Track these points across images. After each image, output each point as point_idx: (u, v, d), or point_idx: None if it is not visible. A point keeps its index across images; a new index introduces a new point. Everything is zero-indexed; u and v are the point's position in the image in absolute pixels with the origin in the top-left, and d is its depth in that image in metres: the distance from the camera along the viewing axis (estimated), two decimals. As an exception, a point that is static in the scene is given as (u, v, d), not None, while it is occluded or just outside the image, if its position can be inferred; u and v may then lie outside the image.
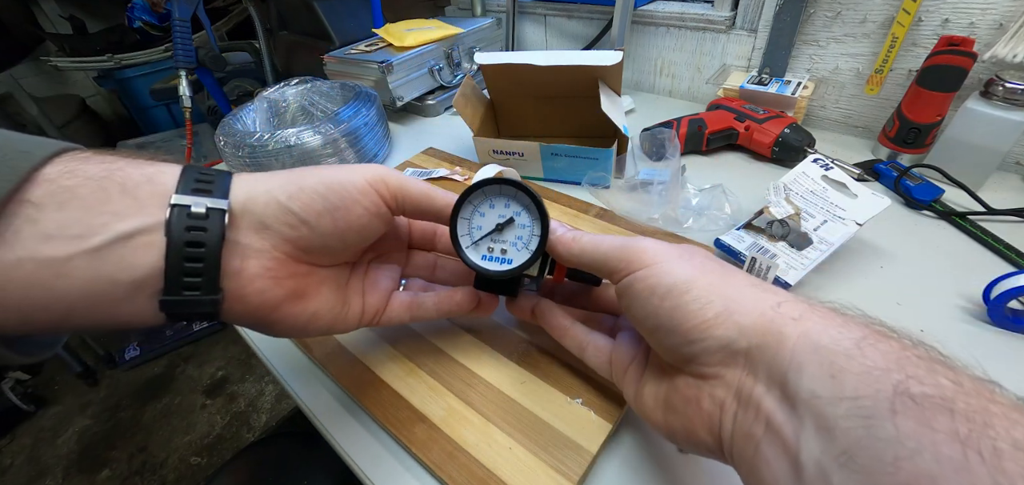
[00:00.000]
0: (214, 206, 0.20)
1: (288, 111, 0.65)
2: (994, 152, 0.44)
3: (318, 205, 0.22)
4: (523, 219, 0.27)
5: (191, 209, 0.19)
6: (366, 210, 0.24)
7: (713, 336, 0.19)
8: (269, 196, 0.21)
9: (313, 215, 0.22)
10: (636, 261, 0.23)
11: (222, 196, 0.20)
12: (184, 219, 0.19)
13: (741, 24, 0.63)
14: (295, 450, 0.59)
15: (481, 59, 0.53)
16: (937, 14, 0.48)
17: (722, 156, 0.57)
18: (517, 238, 0.27)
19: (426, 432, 0.28)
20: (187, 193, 0.19)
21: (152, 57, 1.53)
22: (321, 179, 0.23)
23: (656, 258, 0.22)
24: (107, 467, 1.20)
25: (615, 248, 0.24)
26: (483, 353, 0.33)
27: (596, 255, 0.25)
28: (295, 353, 0.36)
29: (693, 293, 0.20)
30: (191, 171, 0.20)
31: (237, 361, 1.44)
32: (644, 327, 0.23)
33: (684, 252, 0.23)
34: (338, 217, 0.23)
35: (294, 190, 0.22)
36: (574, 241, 0.26)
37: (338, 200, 0.23)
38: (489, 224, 0.27)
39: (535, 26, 0.88)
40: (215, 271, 0.20)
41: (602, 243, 0.25)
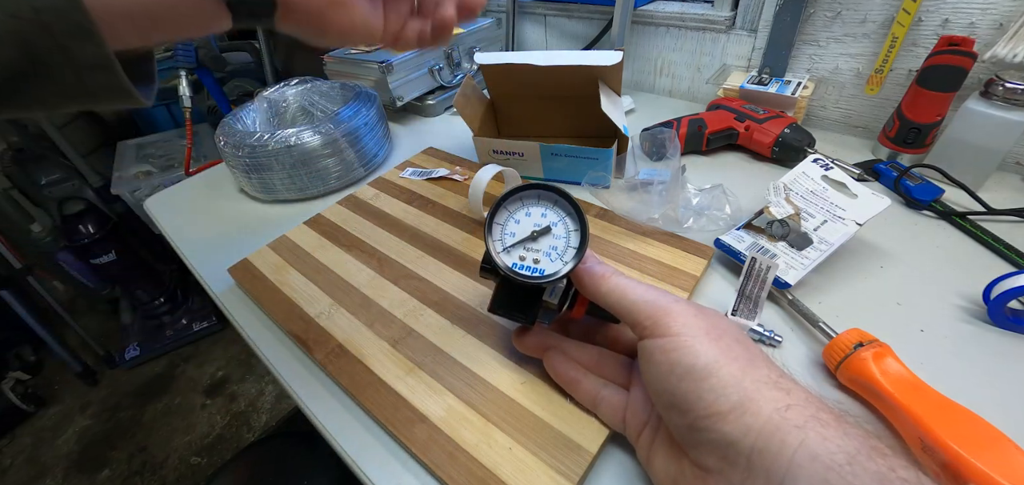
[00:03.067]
0: None
1: (288, 111, 0.65)
2: (994, 152, 0.44)
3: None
4: (559, 229, 0.26)
5: None
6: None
7: (720, 430, 0.19)
8: None
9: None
10: (662, 326, 0.22)
11: None
12: None
13: (741, 24, 0.63)
14: (295, 450, 0.59)
15: (481, 59, 0.53)
16: (937, 14, 0.48)
17: (722, 156, 0.57)
18: (552, 248, 0.26)
19: (426, 432, 0.28)
20: None
21: (152, 57, 1.52)
22: None
23: (683, 330, 0.22)
24: (107, 467, 1.20)
25: (644, 303, 0.23)
26: (483, 353, 0.33)
27: (624, 302, 0.24)
28: (295, 353, 0.36)
29: (713, 381, 0.20)
30: None
31: (237, 361, 1.44)
32: (657, 398, 0.23)
33: (713, 328, 0.22)
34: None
35: None
36: (604, 278, 0.25)
37: None
38: (524, 230, 0.26)
39: (535, 26, 0.88)
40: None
41: (631, 291, 0.24)
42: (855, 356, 0.28)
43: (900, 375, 0.27)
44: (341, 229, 0.47)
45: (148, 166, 1.30)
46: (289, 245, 0.45)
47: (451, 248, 0.43)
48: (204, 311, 1.52)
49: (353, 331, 0.35)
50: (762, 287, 0.33)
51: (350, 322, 0.36)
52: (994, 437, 0.24)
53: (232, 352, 1.47)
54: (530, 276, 0.25)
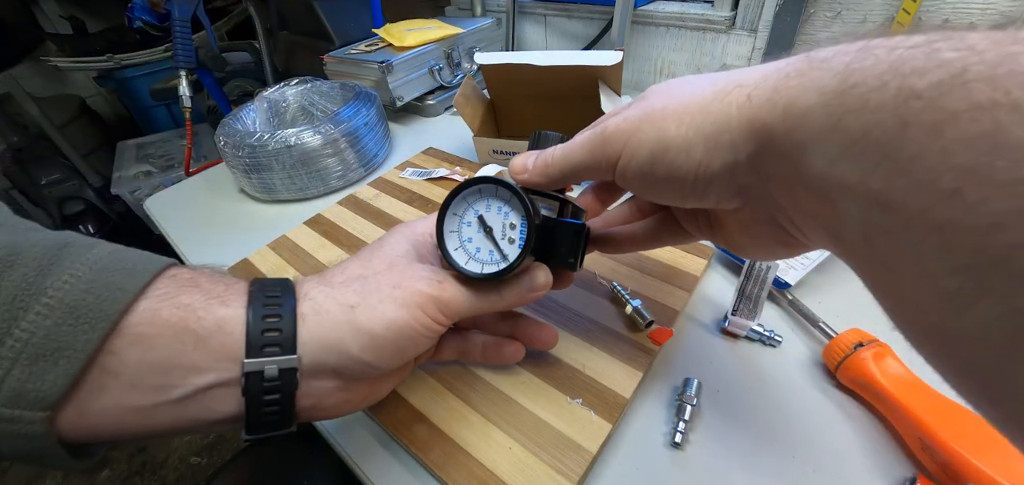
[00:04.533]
0: (286, 367, 0.20)
1: (288, 111, 0.65)
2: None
3: (388, 350, 0.22)
4: (493, 204, 0.24)
5: (265, 373, 0.19)
6: (426, 339, 0.23)
7: (713, 173, 0.18)
8: (342, 347, 0.21)
9: (384, 360, 0.22)
10: (611, 153, 0.21)
11: (289, 347, 0.20)
12: (259, 383, 0.20)
13: (741, 24, 0.63)
14: (295, 450, 0.59)
15: (481, 59, 0.53)
16: (937, 14, 0.48)
17: (722, 156, 0.57)
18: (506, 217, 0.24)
19: (426, 432, 0.28)
20: (257, 351, 0.19)
21: (152, 57, 1.52)
22: (385, 322, 0.22)
23: (624, 137, 0.20)
24: (107, 467, 1.20)
25: (586, 150, 0.22)
26: (483, 353, 0.33)
27: (574, 166, 0.23)
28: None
29: (673, 149, 0.19)
30: (258, 319, 0.20)
31: (237, 361, 1.44)
32: (662, 201, 0.23)
33: (645, 106, 0.20)
34: (405, 353, 0.23)
35: (364, 339, 0.21)
36: (548, 164, 0.24)
37: (405, 341, 0.22)
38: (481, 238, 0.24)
39: (535, 26, 0.88)
40: (291, 410, 0.21)
41: (574, 151, 0.23)
42: (855, 356, 0.28)
43: (900, 375, 0.27)
44: (341, 229, 0.47)
45: (148, 166, 1.30)
46: (289, 245, 0.45)
47: (451, 248, 0.43)
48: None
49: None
50: (762, 287, 0.33)
51: (350, 322, 0.36)
52: (994, 437, 0.24)
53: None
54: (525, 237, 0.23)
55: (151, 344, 0.18)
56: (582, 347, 0.32)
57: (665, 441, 0.28)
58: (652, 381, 0.31)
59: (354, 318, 0.21)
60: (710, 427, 0.28)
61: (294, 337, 0.20)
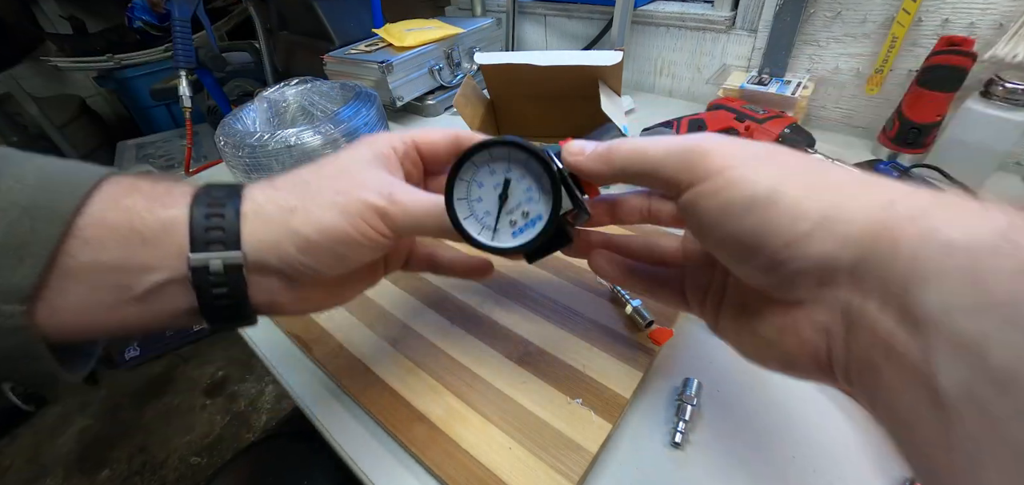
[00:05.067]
0: (231, 262, 0.20)
1: (288, 111, 0.65)
2: (994, 152, 0.44)
3: (326, 255, 0.22)
4: (514, 173, 0.23)
5: (210, 268, 0.20)
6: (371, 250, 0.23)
7: (807, 255, 0.16)
8: (279, 250, 0.21)
9: (322, 264, 0.22)
10: (700, 169, 0.18)
11: (234, 243, 0.20)
12: (206, 277, 0.20)
13: (741, 24, 0.63)
14: (295, 450, 0.59)
15: (481, 59, 0.53)
16: (937, 14, 0.48)
17: (722, 156, 0.57)
18: (526, 191, 0.23)
19: (426, 432, 0.28)
20: (201, 247, 0.20)
21: (152, 57, 1.53)
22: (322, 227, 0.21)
23: (725, 162, 0.18)
24: (107, 467, 1.20)
25: (669, 153, 0.19)
26: (483, 353, 0.33)
27: (644, 164, 0.20)
28: (295, 353, 0.36)
29: (781, 204, 0.16)
30: (201, 218, 0.20)
31: (237, 361, 1.44)
32: (719, 251, 0.19)
33: (762, 150, 0.18)
34: (346, 260, 0.23)
35: (302, 242, 0.21)
36: (612, 151, 0.21)
37: (344, 248, 0.22)
38: (492, 201, 0.23)
39: (535, 26, 0.88)
40: (244, 304, 0.21)
41: (650, 148, 0.20)
42: (855, 356, 0.28)
43: (900, 375, 0.27)
44: (341, 229, 0.47)
45: (148, 166, 1.30)
46: (289, 245, 0.45)
47: (451, 248, 0.43)
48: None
49: (353, 331, 0.35)
50: (762, 287, 0.33)
51: (350, 322, 0.36)
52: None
53: (232, 352, 1.47)
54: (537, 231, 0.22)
55: (102, 246, 0.19)
56: (582, 347, 0.32)
57: (665, 441, 0.28)
58: (652, 381, 0.31)
59: (290, 221, 0.21)
60: (710, 427, 0.28)
61: (238, 234, 0.21)
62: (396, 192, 0.23)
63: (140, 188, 0.20)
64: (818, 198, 0.16)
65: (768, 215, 0.16)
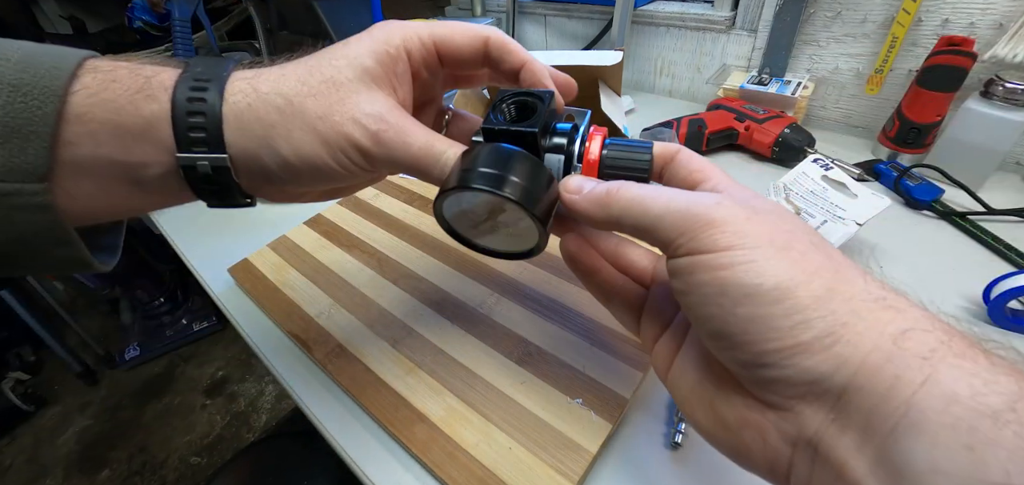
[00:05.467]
0: (218, 164, 0.20)
1: (288, 111, 0.65)
2: (994, 152, 0.44)
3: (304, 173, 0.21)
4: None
5: (198, 169, 0.20)
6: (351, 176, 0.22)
7: (797, 367, 0.15)
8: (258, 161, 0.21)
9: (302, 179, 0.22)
10: (704, 238, 0.16)
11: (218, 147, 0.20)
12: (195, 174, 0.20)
13: (741, 24, 0.63)
14: (295, 450, 0.59)
15: (481, 59, 0.53)
16: (937, 14, 0.48)
17: (722, 156, 0.57)
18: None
19: (426, 432, 0.28)
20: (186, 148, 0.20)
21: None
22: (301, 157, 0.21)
23: (736, 241, 0.16)
24: (107, 467, 1.20)
25: (670, 212, 0.17)
26: (483, 353, 0.33)
27: (642, 219, 0.18)
28: (295, 353, 0.36)
29: (788, 303, 0.15)
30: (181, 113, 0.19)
31: (237, 361, 1.44)
32: (700, 326, 0.17)
33: (778, 231, 0.16)
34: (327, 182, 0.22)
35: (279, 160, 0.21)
36: (610, 196, 0.19)
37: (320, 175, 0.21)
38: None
39: (535, 26, 0.88)
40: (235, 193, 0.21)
41: (651, 202, 0.18)
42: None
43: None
44: (341, 229, 0.47)
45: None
46: (289, 245, 0.45)
47: (451, 247, 0.43)
48: (204, 311, 1.52)
49: (353, 331, 0.35)
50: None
51: (350, 322, 0.36)
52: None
53: (232, 352, 1.47)
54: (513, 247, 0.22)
55: (98, 141, 0.18)
56: (582, 347, 0.32)
57: (665, 441, 0.28)
58: (652, 381, 0.31)
59: (269, 136, 0.20)
60: (710, 427, 0.28)
61: (220, 135, 0.20)
62: (385, 129, 0.21)
63: (119, 78, 0.19)
64: (828, 309, 0.14)
65: (768, 312, 0.15)
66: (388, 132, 0.21)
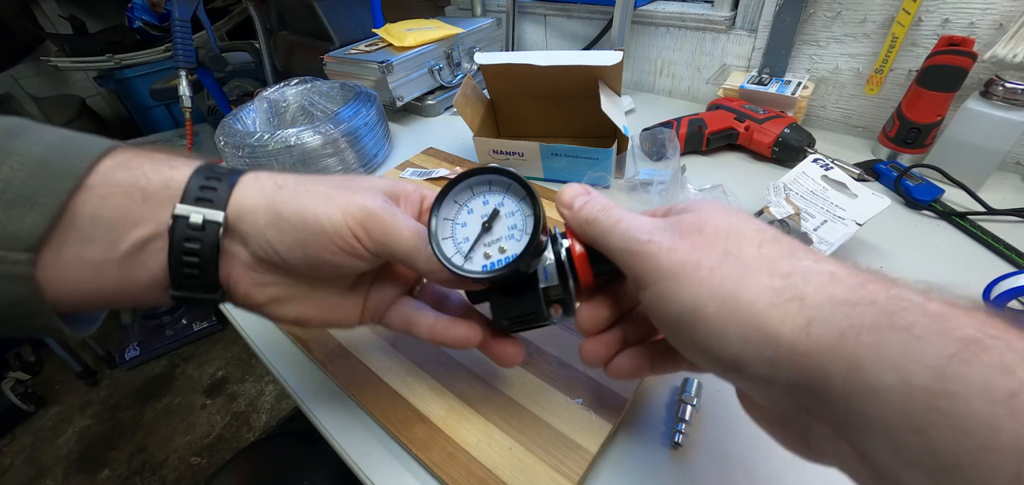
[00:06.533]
0: (211, 218, 0.21)
1: (288, 111, 0.65)
2: (994, 152, 0.44)
3: (289, 238, 0.22)
4: (508, 206, 0.23)
5: (190, 219, 0.21)
6: (339, 251, 0.22)
7: (747, 373, 0.16)
8: (254, 217, 0.22)
9: (284, 247, 0.22)
10: (641, 275, 0.19)
11: (221, 205, 0.21)
12: (184, 230, 0.21)
13: (741, 24, 0.63)
14: (295, 450, 0.59)
15: (481, 59, 0.53)
16: (937, 14, 0.48)
17: (722, 156, 0.57)
18: (511, 229, 0.23)
19: (426, 432, 0.28)
20: (190, 202, 0.21)
21: (152, 57, 1.53)
22: (298, 208, 0.22)
23: (657, 274, 0.18)
24: (107, 467, 1.20)
25: (621, 251, 0.20)
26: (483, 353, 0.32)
27: (608, 250, 0.21)
28: (295, 353, 0.36)
29: (702, 326, 0.16)
30: (200, 175, 0.22)
31: (237, 361, 1.44)
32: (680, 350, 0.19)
33: (694, 251, 0.18)
34: (309, 253, 0.22)
35: (272, 217, 0.22)
36: (588, 223, 0.21)
37: (309, 237, 0.22)
38: (474, 228, 0.23)
39: (535, 26, 0.88)
40: (212, 274, 0.22)
41: (612, 233, 0.20)
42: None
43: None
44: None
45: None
46: (289, 245, 0.45)
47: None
48: (204, 311, 1.52)
49: (353, 331, 0.35)
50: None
51: (350, 322, 0.36)
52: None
53: (232, 352, 1.47)
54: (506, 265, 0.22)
55: (105, 201, 0.20)
56: (582, 347, 0.32)
57: (665, 441, 0.28)
58: (652, 381, 0.31)
59: (275, 197, 0.22)
60: (710, 427, 0.28)
61: (226, 201, 0.21)
62: (391, 205, 0.24)
63: (152, 154, 0.22)
64: (737, 316, 0.16)
65: (696, 335, 0.17)
66: (395, 209, 0.24)
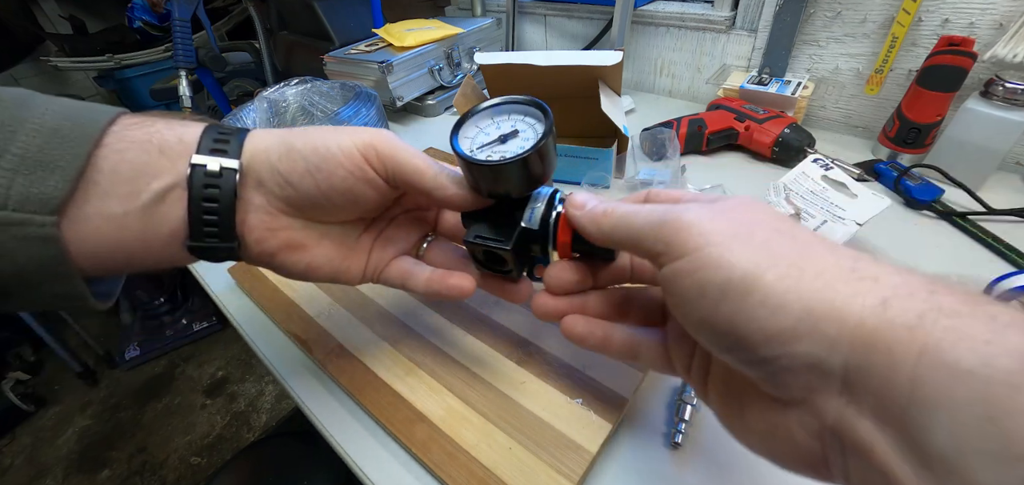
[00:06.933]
0: (227, 165, 0.22)
1: (288, 111, 0.65)
2: (994, 152, 0.44)
3: (301, 166, 0.23)
4: (528, 132, 0.25)
5: (207, 168, 0.21)
6: (350, 174, 0.23)
7: (792, 354, 0.14)
8: (266, 155, 0.23)
9: (296, 176, 0.23)
10: (677, 244, 0.17)
11: (235, 155, 0.22)
12: (202, 177, 0.21)
13: (741, 24, 0.63)
14: (295, 450, 0.59)
15: (481, 59, 0.53)
16: (937, 14, 0.48)
17: (722, 156, 0.57)
18: (519, 148, 0.24)
19: (426, 432, 0.28)
20: (206, 153, 0.22)
21: (152, 57, 1.52)
22: (309, 140, 0.23)
23: (702, 240, 0.17)
24: (107, 467, 1.20)
25: (650, 224, 0.19)
26: (483, 353, 0.33)
27: (628, 233, 0.20)
28: (295, 353, 0.36)
29: (759, 293, 0.15)
30: (211, 131, 0.22)
31: (237, 361, 1.44)
32: (699, 335, 0.18)
33: (742, 223, 0.17)
34: (320, 179, 0.23)
35: (284, 150, 0.23)
36: (605, 215, 0.21)
37: (320, 161, 0.23)
38: (491, 135, 0.26)
39: (535, 26, 0.88)
40: (230, 222, 0.22)
41: (635, 216, 0.20)
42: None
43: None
44: (341, 229, 0.47)
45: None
46: (289, 245, 0.45)
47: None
48: (204, 311, 1.52)
49: (353, 331, 0.35)
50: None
51: (350, 322, 0.36)
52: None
53: (232, 352, 1.47)
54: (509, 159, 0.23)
55: (123, 155, 0.20)
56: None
57: (665, 441, 0.28)
58: (652, 381, 0.31)
59: (286, 136, 0.23)
60: (710, 427, 0.28)
61: (239, 152, 0.22)
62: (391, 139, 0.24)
63: (164, 117, 0.23)
64: (800, 288, 0.14)
65: (745, 304, 0.15)
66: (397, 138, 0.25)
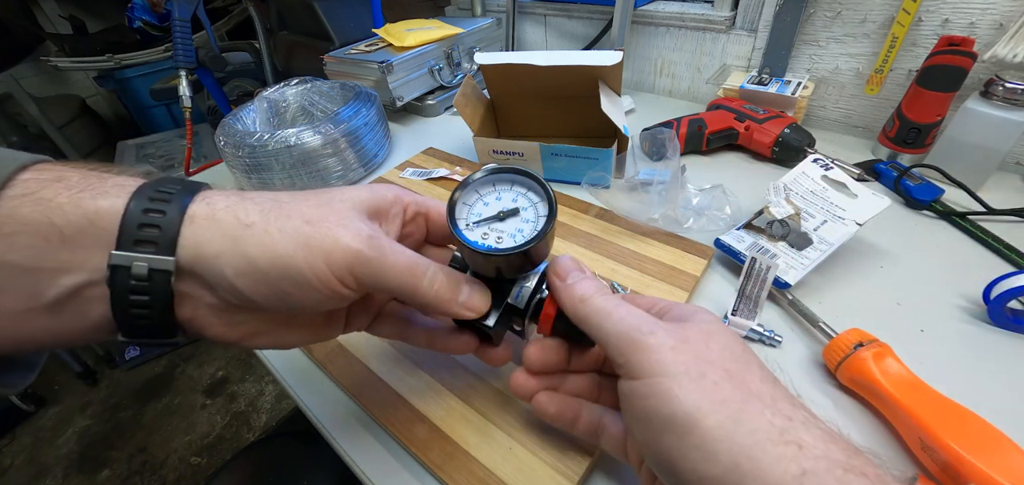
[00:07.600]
0: (158, 267, 0.18)
1: (288, 111, 0.65)
2: (994, 152, 0.44)
3: (266, 289, 0.19)
4: (529, 213, 0.24)
5: (132, 271, 0.17)
6: (326, 298, 0.20)
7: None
8: (218, 264, 0.19)
9: (261, 297, 0.19)
10: (635, 364, 0.18)
11: (168, 247, 0.18)
12: (126, 280, 0.17)
13: (741, 24, 0.63)
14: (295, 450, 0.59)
15: (481, 59, 0.53)
16: (937, 14, 0.48)
17: (722, 156, 0.57)
18: (518, 230, 0.24)
19: (426, 432, 0.28)
20: (129, 246, 0.17)
21: (152, 57, 1.53)
22: (274, 257, 0.19)
23: (659, 369, 0.18)
24: (107, 467, 1.20)
25: (617, 334, 0.19)
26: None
27: (601, 332, 0.20)
28: (295, 353, 0.36)
29: (696, 437, 0.16)
30: (134, 214, 0.18)
31: (237, 361, 1.44)
32: (642, 450, 0.19)
33: (698, 359, 0.18)
34: (291, 302, 0.20)
35: (243, 265, 0.19)
36: (582, 302, 0.21)
37: (291, 287, 0.19)
38: (491, 210, 0.25)
39: (535, 26, 0.88)
40: (167, 317, 0.19)
41: (608, 319, 0.20)
42: (855, 356, 0.28)
43: (900, 375, 0.27)
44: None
45: (148, 166, 1.30)
46: (289, 245, 0.45)
47: (451, 248, 0.43)
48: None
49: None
50: (762, 287, 0.33)
51: (350, 322, 0.36)
52: (994, 437, 0.24)
53: (232, 352, 1.46)
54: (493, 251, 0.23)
55: (12, 244, 0.16)
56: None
57: (665, 441, 0.28)
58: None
59: (241, 237, 0.19)
60: (710, 427, 0.28)
61: (175, 238, 0.18)
62: (378, 238, 0.21)
63: (67, 178, 0.18)
64: (732, 439, 0.16)
65: (683, 443, 0.16)
66: (382, 241, 0.21)
